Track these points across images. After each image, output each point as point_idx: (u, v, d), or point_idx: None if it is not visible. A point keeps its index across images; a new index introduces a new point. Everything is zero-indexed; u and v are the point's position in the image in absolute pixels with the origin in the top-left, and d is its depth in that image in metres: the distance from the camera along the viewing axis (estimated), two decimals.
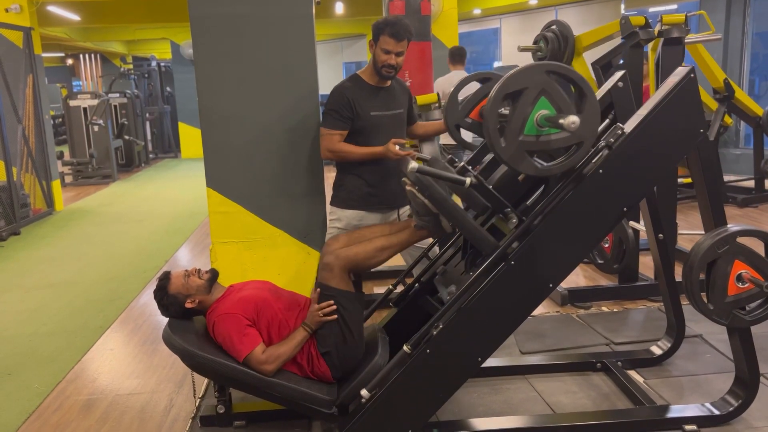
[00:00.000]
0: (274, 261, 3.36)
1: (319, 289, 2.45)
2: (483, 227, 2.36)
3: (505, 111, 2.07)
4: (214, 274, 2.57)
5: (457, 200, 2.46)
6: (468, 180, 2.18)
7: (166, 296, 2.50)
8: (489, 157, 2.75)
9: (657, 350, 3.07)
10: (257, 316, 2.42)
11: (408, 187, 2.41)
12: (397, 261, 4.03)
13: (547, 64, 2.03)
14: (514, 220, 2.24)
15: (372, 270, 4.39)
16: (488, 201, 2.30)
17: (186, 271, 2.55)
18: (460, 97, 2.89)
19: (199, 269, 2.56)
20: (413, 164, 2.16)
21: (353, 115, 2.94)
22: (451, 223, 2.35)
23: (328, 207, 3.24)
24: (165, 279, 2.54)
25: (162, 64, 14.48)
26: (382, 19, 2.90)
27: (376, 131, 3.00)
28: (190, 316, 2.55)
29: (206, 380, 3.01)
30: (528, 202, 2.47)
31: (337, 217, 3.13)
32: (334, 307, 2.40)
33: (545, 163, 2.10)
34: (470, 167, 2.61)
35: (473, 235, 2.26)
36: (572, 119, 1.94)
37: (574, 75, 2.03)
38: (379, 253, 2.50)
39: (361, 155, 2.97)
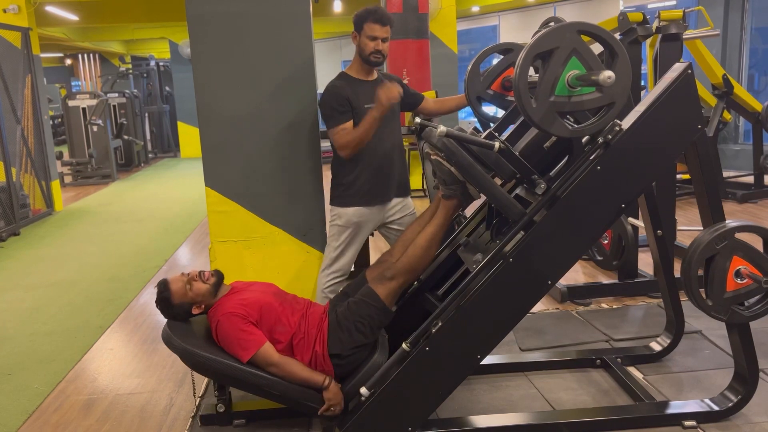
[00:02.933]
0: (273, 260, 3.36)
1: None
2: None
3: (532, 78, 2.04)
4: (219, 278, 2.51)
5: None
6: (497, 144, 2.17)
7: (171, 307, 2.46)
8: (514, 126, 2.70)
9: (656, 346, 3.07)
10: (260, 320, 2.41)
11: (433, 156, 2.40)
12: None
13: (578, 24, 1.99)
14: (543, 185, 2.23)
15: None
16: (515, 168, 2.28)
17: (184, 275, 2.49)
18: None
19: (201, 272, 2.50)
20: (441, 128, 2.14)
21: (351, 109, 2.95)
22: (478, 189, 2.33)
23: (328, 206, 3.24)
24: (165, 290, 2.46)
25: (161, 63, 14.48)
26: (363, 9, 2.91)
27: None
28: (194, 317, 2.55)
29: (206, 379, 3.01)
30: (551, 173, 2.45)
31: (337, 214, 3.14)
32: (337, 411, 2.39)
33: (576, 125, 2.08)
34: (497, 134, 2.60)
35: (500, 202, 2.25)
36: (607, 74, 1.90)
37: (605, 34, 2.00)
38: (428, 250, 2.52)
39: (370, 129, 2.88)
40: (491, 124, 2.80)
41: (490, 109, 3.09)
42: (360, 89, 2.99)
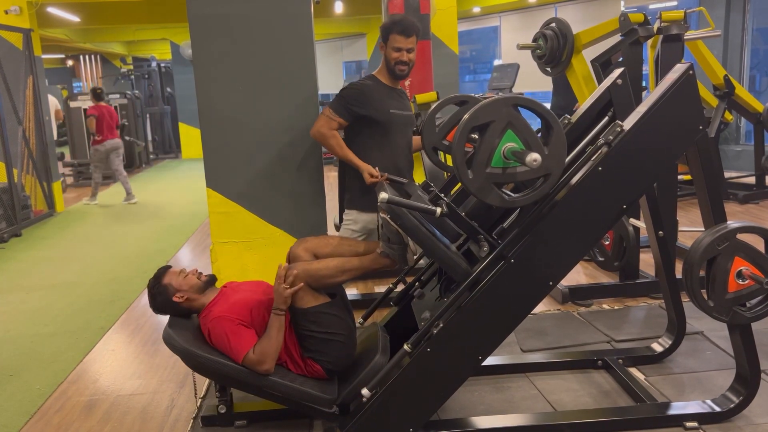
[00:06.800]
0: (274, 261, 3.35)
1: (284, 264, 2.43)
2: (459, 250, 2.37)
3: (476, 136, 2.08)
4: (212, 279, 2.57)
5: None
6: (438, 210, 2.20)
7: (157, 285, 2.51)
8: None
9: (658, 347, 3.07)
10: (251, 319, 2.41)
11: (381, 215, 2.43)
12: None
13: (514, 98, 2.05)
14: (486, 248, 2.25)
15: None
16: (461, 228, 2.32)
17: (185, 269, 2.56)
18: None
19: (200, 272, 2.58)
20: (383, 195, 2.18)
21: (364, 113, 3.01)
22: (423, 250, 2.36)
23: (329, 205, 3.24)
24: (163, 270, 2.56)
25: (162, 64, 14.49)
26: (389, 19, 3.00)
27: (392, 128, 3.08)
28: (178, 313, 2.53)
29: (207, 380, 3.01)
30: (504, 225, 2.47)
31: (353, 219, 3.13)
32: (295, 271, 2.36)
33: (513, 195, 2.12)
34: (444, 194, 2.64)
35: (445, 263, 2.27)
36: (533, 157, 1.95)
37: (540, 108, 2.05)
38: (340, 274, 2.50)
39: (342, 156, 3.03)
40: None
41: None
42: (387, 95, 3.09)
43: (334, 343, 2.42)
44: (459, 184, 2.81)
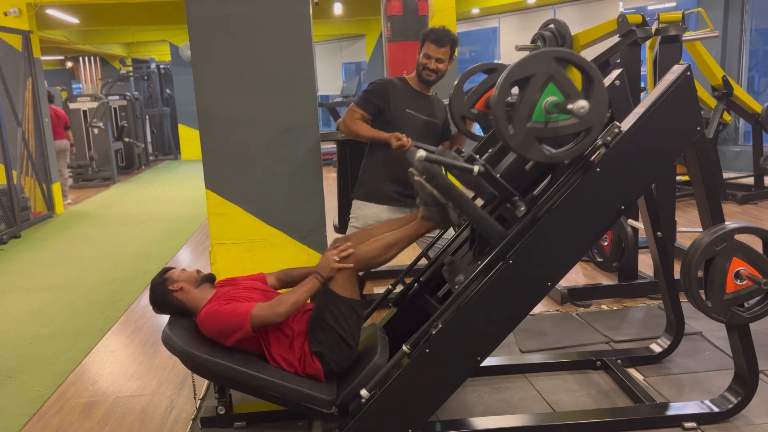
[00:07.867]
0: (273, 262, 3.36)
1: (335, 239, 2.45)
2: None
3: (511, 100, 2.06)
4: (210, 276, 2.59)
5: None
6: (476, 168, 2.17)
7: (158, 277, 2.55)
8: (495, 147, 2.72)
9: (656, 348, 3.07)
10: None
11: (416, 178, 2.42)
12: (396, 261, 4.03)
13: (555, 51, 2.02)
14: (522, 209, 2.23)
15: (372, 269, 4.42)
16: (496, 190, 2.29)
17: (186, 269, 2.59)
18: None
19: (200, 271, 2.60)
20: (421, 152, 2.15)
21: (384, 106, 3.07)
22: (458, 212, 2.34)
23: (329, 205, 3.24)
24: (166, 268, 2.60)
25: (161, 66, 14.50)
26: (429, 28, 3.11)
27: (403, 129, 3.04)
28: (175, 308, 2.52)
29: (206, 381, 3.01)
30: (535, 192, 2.45)
31: (356, 216, 3.15)
32: (351, 250, 2.40)
33: (554, 150, 2.09)
34: (477, 156, 2.62)
35: (481, 224, 2.25)
36: (581, 104, 1.93)
37: (581, 61, 2.02)
38: (388, 250, 2.52)
39: (367, 135, 3.08)
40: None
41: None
42: (409, 96, 3.13)
43: (345, 345, 2.42)
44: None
